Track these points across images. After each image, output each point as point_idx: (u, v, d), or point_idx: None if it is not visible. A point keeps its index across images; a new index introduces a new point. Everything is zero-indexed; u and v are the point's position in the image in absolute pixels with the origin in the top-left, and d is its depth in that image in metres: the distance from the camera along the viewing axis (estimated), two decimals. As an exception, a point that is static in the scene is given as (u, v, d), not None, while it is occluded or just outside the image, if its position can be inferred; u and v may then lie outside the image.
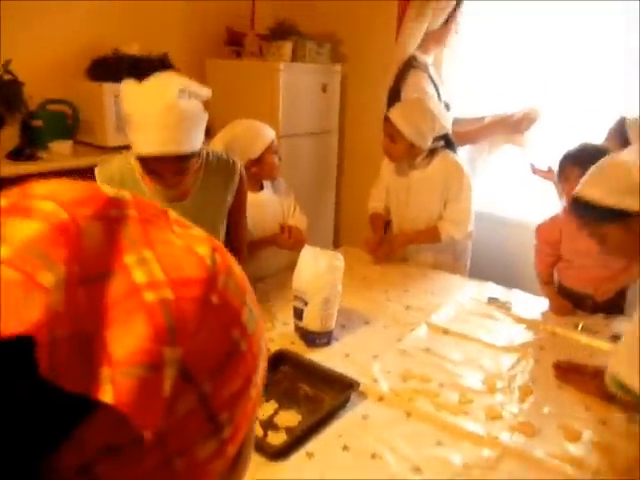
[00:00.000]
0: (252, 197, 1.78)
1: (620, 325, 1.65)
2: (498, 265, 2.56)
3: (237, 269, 0.35)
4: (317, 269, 1.50)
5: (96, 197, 0.31)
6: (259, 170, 1.86)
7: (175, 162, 1.35)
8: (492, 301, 1.84)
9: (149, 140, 1.29)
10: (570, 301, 1.77)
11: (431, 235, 2.11)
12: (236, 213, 1.66)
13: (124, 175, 1.46)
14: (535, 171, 2.35)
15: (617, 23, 2.37)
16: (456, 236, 2.11)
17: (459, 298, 1.86)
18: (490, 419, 1.23)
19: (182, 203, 1.50)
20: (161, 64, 2.51)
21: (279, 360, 1.37)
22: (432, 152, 2.08)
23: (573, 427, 1.21)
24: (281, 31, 2.97)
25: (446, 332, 1.62)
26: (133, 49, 2.51)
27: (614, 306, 1.75)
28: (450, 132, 2.15)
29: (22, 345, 0.24)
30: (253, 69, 2.90)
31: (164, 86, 1.30)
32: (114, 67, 2.39)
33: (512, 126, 2.50)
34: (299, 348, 1.49)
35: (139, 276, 0.29)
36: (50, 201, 0.29)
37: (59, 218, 0.28)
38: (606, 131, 2.00)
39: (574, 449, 1.15)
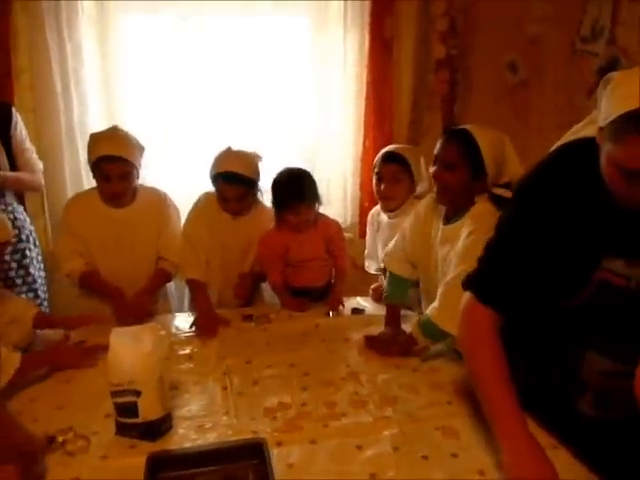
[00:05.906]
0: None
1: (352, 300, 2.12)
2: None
3: None
4: (142, 349, 1.27)
5: None
6: None
7: None
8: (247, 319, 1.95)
9: None
10: (303, 297, 2.08)
11: (162, 276, 2.02)
12: None
13: None
14: None
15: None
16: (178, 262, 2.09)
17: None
18: (361, 408, 1.41)
19: None
20: None
21: (157, 468, 1.14)
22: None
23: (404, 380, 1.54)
24: None
25: (249, 362, 1.66)
26: None
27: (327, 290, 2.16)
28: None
29: None
30: None
31: None
32: None
33: None
34: (147, 447, 1.24)
35: None
36: None
37: None
38: None
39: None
